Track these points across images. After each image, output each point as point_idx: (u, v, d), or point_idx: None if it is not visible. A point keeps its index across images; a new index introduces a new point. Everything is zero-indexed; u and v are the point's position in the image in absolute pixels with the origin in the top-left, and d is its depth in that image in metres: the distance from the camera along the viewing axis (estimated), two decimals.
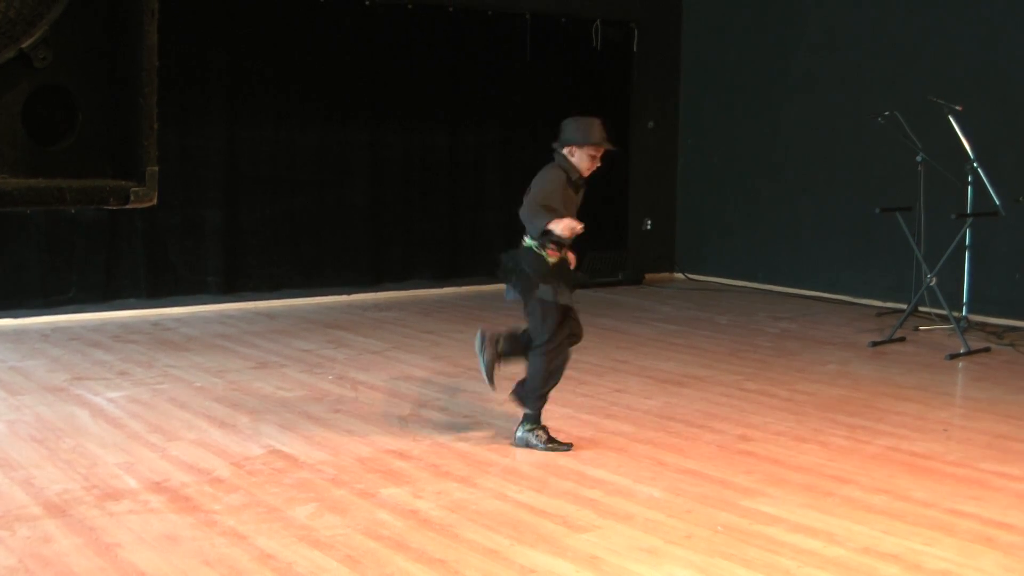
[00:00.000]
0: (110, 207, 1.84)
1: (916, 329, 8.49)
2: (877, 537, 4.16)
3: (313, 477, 4.82)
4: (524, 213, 5.11)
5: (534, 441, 5.25)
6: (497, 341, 5.33)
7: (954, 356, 7.56)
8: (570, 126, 5.21)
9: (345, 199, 9.83)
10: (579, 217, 5.37)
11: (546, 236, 5.03)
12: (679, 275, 11.76)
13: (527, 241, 5.17)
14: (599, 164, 5.25)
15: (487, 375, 5.33)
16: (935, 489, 4.75)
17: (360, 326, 8.57)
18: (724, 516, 4.37)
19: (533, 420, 5.29)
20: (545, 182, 5.15)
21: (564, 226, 4.93)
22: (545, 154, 11.49)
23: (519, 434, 5.31)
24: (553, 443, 5.25)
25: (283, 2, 9.33)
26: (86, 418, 5.74)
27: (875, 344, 7.97)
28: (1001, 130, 8.78)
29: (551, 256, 5.11)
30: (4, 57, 1.68)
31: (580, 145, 5.15)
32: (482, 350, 5.32)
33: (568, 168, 5.19)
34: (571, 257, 5.31)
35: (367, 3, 9.69)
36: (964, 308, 8.39)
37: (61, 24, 1.73)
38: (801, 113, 10.51)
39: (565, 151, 5.19)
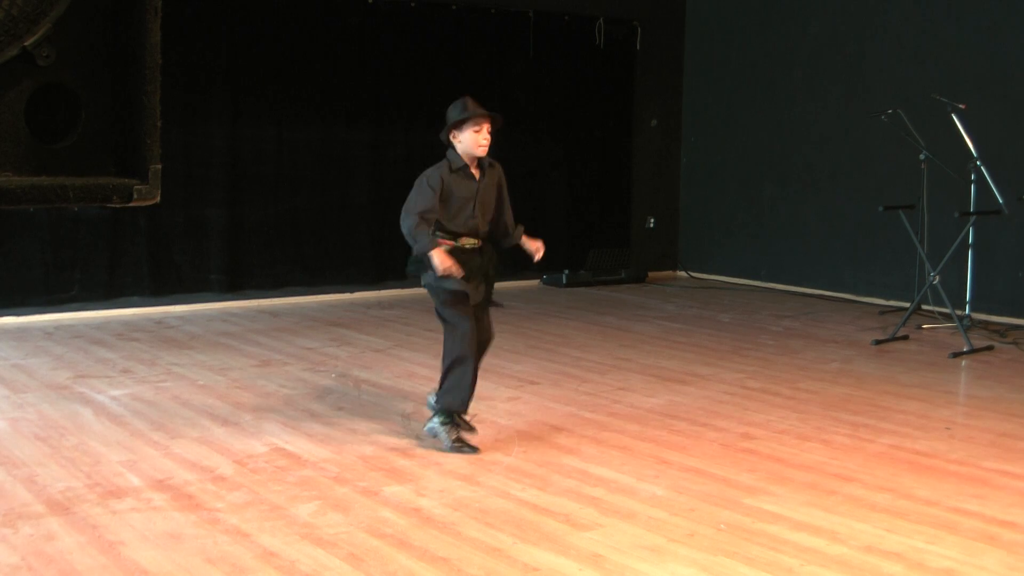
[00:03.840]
0: (113, 205, 1.84)
1: (919, 327, 8.48)
2: (880, 535, 4.16)
3: (316, 475, 4.82)
4: (403, 222, 4.97)
5: (443, 435, 5.12)
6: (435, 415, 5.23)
7: (957, 354, 7.56)
8: (448, 112, 5.06)
9: (348, 197, 9.83)
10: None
11: (413, 237, 4.91)
12: (682, 273, 11.75)
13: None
14: (488, 138, 5.03)
15: (458, 446, 5.12)
16: (938, 487, 4.75)
17: (363, 324, 8.57)
18: (727, 514, 4.37)
19: (447, 415, 5.15)
20: (416, 187, 5.01)
21: (441, 269, 4.83)
22: (546, 153, 11.44)
23: (429, 425, 5.20)
24: (460, 443, 5.12)
25: (286, 0, 9.33)
26: (89, 416, 5.75)
27: (878, 342, 7.96)
28: (1004, 128, 8.77)
29: (441, 244, 4.98)
30: (7, 55, 1.68)
31: (459, 126, 5.00)
32: (436, 435, 5.21)
33: (453, 158, 5.05)
34: (535, 246, 5.16)
35: (370, 1, 9.69)
36: (967, 306, 8.39)
37: (64, 22, 1.73)
38: (804, 111, 10.50)
39: (451, 139, 5.05)
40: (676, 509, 4.42)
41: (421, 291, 10.07)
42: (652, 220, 11.72)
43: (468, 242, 5.07)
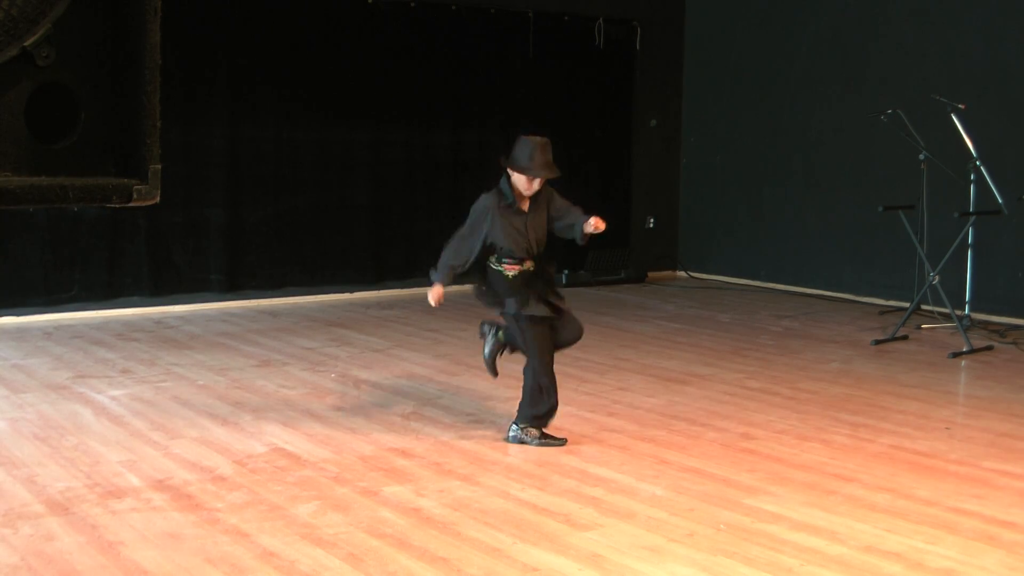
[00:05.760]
0: (113, 205, 1.84)
1: (919, 327, 8.48)
2: (880, 535, 4.16)
3: (315, 475, 4.82)
4: (448, 250, 5.32)
5: (527, 438, 5.32)
6: (498, 330, 5.51)
7: (957, 354, 7.56)
8: (519, 146, 5.25)
9: (347, 197, 9.83)
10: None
11: (495, 255, 5.25)
12: (682, 273, 11.75)
13: (490, 261, 5.30)
14: (538, 187, 5.28)
15: (489, 364, 5.56)
16: (938, 487, 4.75)
17: (362, 324, 8.57)
18: (727, 514, 4.37)
19: (526, 420, 5.36)
20: (469, 217, 5.32)
21: (431, 297, 5.26)
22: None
23: (511, 434, 5.39)
24: (546, 437, 5.33)
25: (286, 1, 9.33)
26: (89, 416, 5.75)
27: (878, 342, 7.96)
28: (1004, 128, 8.77)
29: (508, 271, 5.24)
30: (7, 55, 1.68)
31: (516, 169, 5.21)
32: (485, 338, 5.56)
33: (505, 191, 5.27)
34: (597, 223, 5.34)
35: (370, 1, 9.69)
36: (967, 306, 8.39)
37: (64, 22, 1.73)
38: (804, 111, 10.50)
39: (508, 169, 5.26)
40: (676, 509, 4.42)
41: (421, 292, 10.00)
42: (652, 220, 11.72)
43: (529, 264, 5.28)
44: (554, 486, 4.70)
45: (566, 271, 10.68)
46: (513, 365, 5.68)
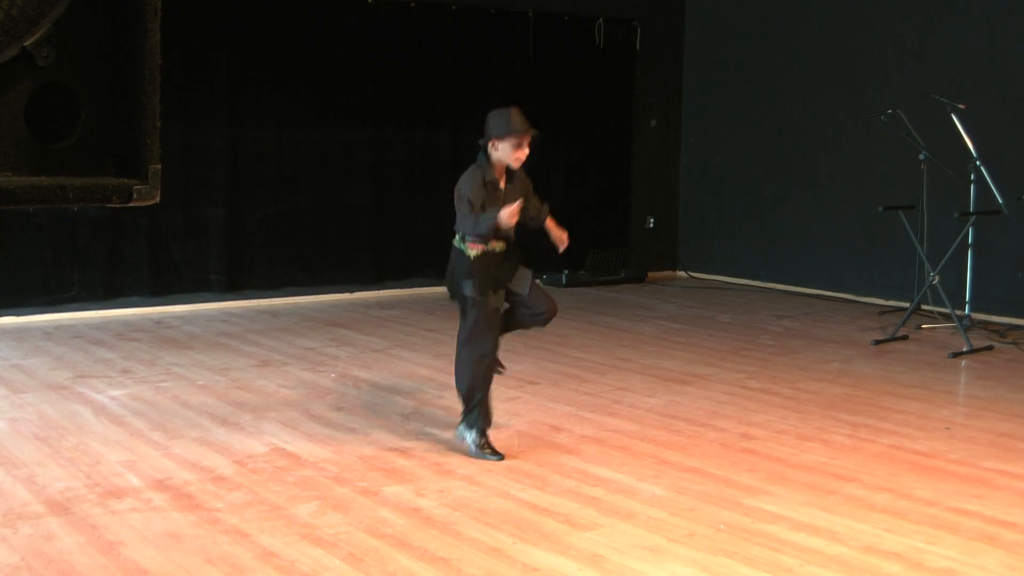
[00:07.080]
0: (113, 205, 1.84)
1: (919, 327, 8.48)
2: (880, 535, 4.16)
3: (315, 475, 4.82)
4: (460, 224, 5.07)
5: (469, 440, 5.12)
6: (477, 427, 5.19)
7: (957, 354, 7.56)
8: (491, 119, 5.09)
9: (347, 197, 9.83)
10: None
11: (476, 229, 5.00)
12: (682, 273, 11.75)
13: (455, 240, 5.14)
14: (527, 152, 5.11)
15: (484, 446, 5.11)
16: (938, 487, 4.75)
17: (362, 324, 8.57)
18: (727, 514, 4.37)
19: (472, 421, 5.14)
20: (462, 191, 5.07)
21: (504, 216, 4.90)
22: (545, 153, 11.49)
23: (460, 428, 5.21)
24: (487, 449, 5.09)
25: (286, 1, 9.33)
26: (89, 416, 5.75)
27: (878, 342, 7.96)
28: (1004, 128, 8.77)
29: (472, 249, 5.05)
30: (7, 55, 1.68)
31: (501, 137, 5.06)
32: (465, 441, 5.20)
33: (485, 168, 5.10)
34: (558, 235, 5.32)
35: (370, 1, 9.69)
36: (967, 306, 8.39)
37: (64, 22, 1.73)
38: (804, 111, 10.50)
39: (489, 146, 5.09)
40: (676, 509, 4.42)
41: (420, 291, 10.14)
42: (652, 220, 11.72)
43: (497, 245, 5.09)
44: (554, 486, 4.70)
45: (566, 271, 10.67)
46: (507, 364, 5.65)
